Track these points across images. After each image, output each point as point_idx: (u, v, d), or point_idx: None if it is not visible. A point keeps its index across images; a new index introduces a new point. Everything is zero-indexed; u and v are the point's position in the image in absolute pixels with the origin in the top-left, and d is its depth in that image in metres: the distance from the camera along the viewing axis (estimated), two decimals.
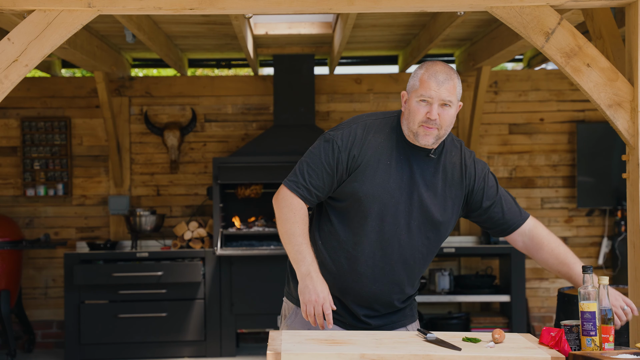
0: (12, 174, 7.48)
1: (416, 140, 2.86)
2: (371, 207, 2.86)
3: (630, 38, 3.61)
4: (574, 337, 2.68)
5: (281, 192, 2.91)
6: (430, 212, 2.91)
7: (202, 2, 3.59)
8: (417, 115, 2.82)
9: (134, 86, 7.58)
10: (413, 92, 2.85)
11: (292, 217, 2.86)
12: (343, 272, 2.92)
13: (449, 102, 2.82)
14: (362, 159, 2.86)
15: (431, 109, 2.81)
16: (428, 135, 2.83)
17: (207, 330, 6.85)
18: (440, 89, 2.80)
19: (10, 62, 3.57)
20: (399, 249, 2.90)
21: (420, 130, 2.83)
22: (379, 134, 2.90)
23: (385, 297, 2.95)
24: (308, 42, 7.34)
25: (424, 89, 2.81)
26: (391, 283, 2.94)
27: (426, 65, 2.87)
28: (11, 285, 6.85)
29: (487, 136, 7.64)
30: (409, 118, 2.85)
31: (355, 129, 2.90)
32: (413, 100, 2.84)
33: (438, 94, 2.80)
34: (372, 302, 2.95)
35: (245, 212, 7.30)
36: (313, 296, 2.75)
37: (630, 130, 3.62)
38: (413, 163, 2.89)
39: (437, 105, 2.81)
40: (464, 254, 7.21)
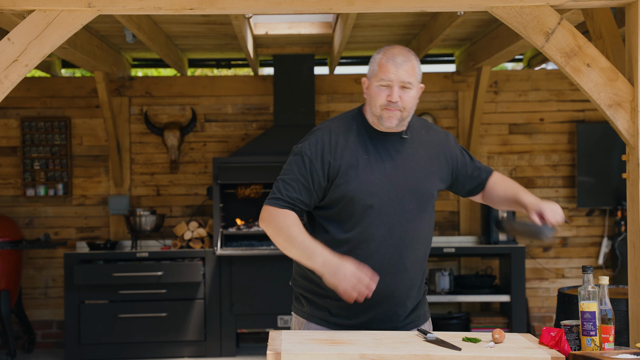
0: (12, 174, 7.48)
1: (380, 124, 2.89)
2: (365, 203, 2.86)
3: (630, 38, 3.61)
4: (574, 337, 2.68)
5: (264, 212, 2.92)
6: (421, 189, 2.93)
7: (202, 2, 3.59)
8: (379, 99, 2.86)
9: (134, 86, 7.58)
10: (373, 77, 2.89)
11: (283, 225, 2.85)
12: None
13: (408, 83, 2.85)
14: (339, 162, 2.87)
15: (392, 92, 2.84)
16: (391, 117, 2.87)
17: (207, 330, 6.85)
18: (399, 71, 2.84)
19: (10, 62, 3.57)
20: (404, 234, 2.90)
21: (383, 113, 2.87)
22: (347, 133, 2.92)
23: (401, 287, 2.92)
24: (308, 42, 7.35)
25: (383, 72, 2.85)
26: (404, 270, 2.91)
27: (384, 49, 2.91)
28: (11, 285, 6.85)
29: (487, 136, 7.64)
30: (371, 103, 2.89)
31: (321, 135, 2.92)
32: (373, 85, 2.88)
33: (397, 76, 2.84)
34: (389, 298, 2.91)
35: (245, 212, 7.30)
36: (348, 280, 2.69)
37: (630, 130, 3.62)
38: (390, 150, 2.93)
39: (397, 87, 2.85)
40: (464, 254, 7.21)
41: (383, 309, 2.92)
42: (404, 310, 2.96)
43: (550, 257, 7.66)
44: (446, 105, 7.65)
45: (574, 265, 7.66)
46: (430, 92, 7.62)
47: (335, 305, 2.92)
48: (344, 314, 2.92)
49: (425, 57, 7.89)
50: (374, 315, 2.93)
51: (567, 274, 7.65)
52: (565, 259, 7.67)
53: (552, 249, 7.66)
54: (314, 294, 2.97)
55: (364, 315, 2.93)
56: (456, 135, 7.63)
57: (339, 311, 2.92)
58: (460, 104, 7.62)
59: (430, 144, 3.01)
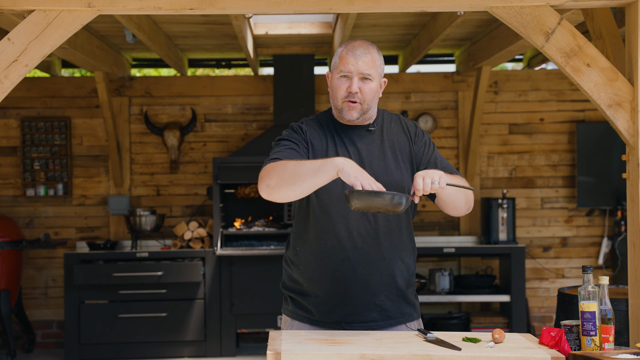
0: (12, 174, 7.49)
1: (341, 117, 2.94)
2: (332, 192, 2.90)
3: (630, 38, 3.61)
4: (574, 337, 2.68)
5: (262, 172, 2.84)
6: (390, 179, 2.94)
7: (202, 2, 3.59)
8: (339, 91, 2.91)
9: (134, 86, 7.58)
10: (334, 69, 2.94)
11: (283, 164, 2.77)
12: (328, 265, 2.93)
13: (368, 75, 2.89)
14: (311, 148, 2.95)
15: (351, 83, 2.89)
16: (352, 110, 2.91)
17: (207, 330, 6.85)
18: (358, 63, 2.88)
19: (10, 62, 3.57)
20: (375, 223, 2.92)
21: (344, 106, 2.92)
22: (319, 128, 3.00)
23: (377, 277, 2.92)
24: (308, 42, 7.35)
25: (342, 64, 2.89)
26: (379, 260, 2.92)
27: (346, 43, 2.96)
28: (11, 285, 6.85)
29: (487, 136, 7.64)
30: (333, 95, 2.95)
31: (297, 125, 3.02)
32: (334, 77, 2.93)
33: (356, 67, 2.88)
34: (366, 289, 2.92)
35: (245, 212, 7.30)
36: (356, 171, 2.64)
37: (630, 130, 3.62)
38: (357, 142, 2.97)
39: (357, 79, 2.89)
40: (464, 254, 7.21)
41: (360, 301, 2.93)
42: (382, 303, 2.94)
43: (550, 257, 7.66)
44: (446, 105, 7.65)
45: (574, 265, 7.66)
46: (430, 92, 7.62)
47: (314, 302, 2.96)
48: (322, 310, 2.95)
49: (425, 57, 7.89)
50: (351, 309, 2.93)
51: (567, 274, 7.65)
52: (565, 259, 7.67)
53: (552, 249, 7.66)
54: (296, 292, 3.03)
55: (342, 309, 2.94)
56: (456, 135, 7.63)
57: (318, 307, 2.96)
58: (460, 104, 7.62)
59: (399, 136, 3.03)
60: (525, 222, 7.64)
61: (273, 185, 2.76)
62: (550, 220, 7.65)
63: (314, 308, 2.97)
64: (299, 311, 3.02)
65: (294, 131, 3.01)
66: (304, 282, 2.99)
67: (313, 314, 2.98)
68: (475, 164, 7.55)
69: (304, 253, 3.00)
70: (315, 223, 2.95)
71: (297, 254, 3.02)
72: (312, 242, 2.96)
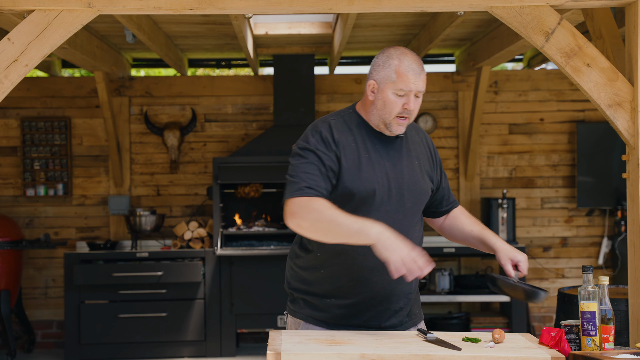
0: (12, 174, 7.49)
1: (387, 130, 2.90)
2: (367, 201, 2.86)
3: (630, 38, 3.61)
4: (574, 337, 2.68)
5: (292, 206, 2.75)
6: (418, 187, 2.96)
7: (202, 2, 3.59)
8: (395, 108, 2.85)
9: (134, 86, 7.58)
10: (389, 83, 2.85)
11: (324, 209, 2.69)
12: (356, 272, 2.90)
13: (422, 92, 2.88)
14: (343, 158, 2.86)
15: (409, 101, 2.85)
16: (401, 126, 2.90)
17: (207, 330, 6.85)
18: (418, 82, 2.84)
19: (10, 62, 3.57)
20: (403, 232, 2.87)
21: (394, 122, 2.88)
22: (347, 132, 2.91)
23: (402, 284, 2.92)
24: (308, 42, 7.35)
25: (403, 82, 2.82)
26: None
27: (396, 54, 2.86)
28: (11, 285, 6.85)
29: (487, 136, 7.64)
30: (384, 110, 2.87)
31: (323, 130, 2.89)
32: (388, 92, 2.85)
33: (416, 86, 2.84)
34: (390, 296, 2.92)
35: (245, 212, 7.30)
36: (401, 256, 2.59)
37: (630, 130, 3.61)
38: (388, 148, 2.94)
39: (413, 96, 2.86)
40: (464, 254, 7.21)
41: (383, 307, 2.93)
42: (402, 307, 2.97)
43: (550, 257, 7.66)
44: (446, 105, 7.65)
45: (574, 265, 7.66)
46: (430, 92, 7.62)
47: (335, 305, 2.92)
48: (344, 314, 2.92)
49: (425, 57, 7.88)
50: (373, 314, 2.93)
51: (567, 274, 7.65)
52: (565, 259, 7.67)
53: (552, 249, 7.66)
54: (311, 295, 2.97)
55: (364, 315, 2.93)
56: (456, 136, 7.63)
57: (339, 311, 2.92)
58: (460, 104, 7.62)
59: (420, 145, 3.06)
60: (525, 222, 7.64)
61: (304, 227, 2.73)
62: (550, 220, 7.65)
63: (336, 311, 2.92)
64: (316, 313, 2.95)
65: (323, 141, 2.85)
66: (324, 286, 2.92)
67: (330, 316, 2.93)
68: (475, 164, 7.55)
69: (327, 257, 2.91)
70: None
71: (318, 259, 2.92)
72: (340, 249, 2.84)
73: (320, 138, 2.86)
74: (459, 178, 7.61)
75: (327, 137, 2.86)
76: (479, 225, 3.11)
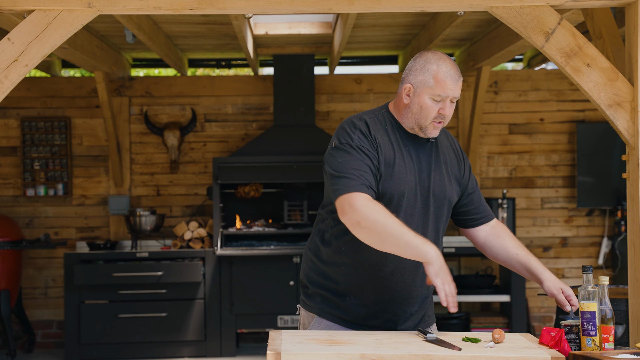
0: (12, 174, 7.48)
1: (422, 133, 2.89)
2: (396, 202, 2.85)
3: (630, 38, 3.61)
4: (574, 337, 2.68)
5: (349, 201, 2.69)
6: (443, 193, 2.95)
7: (202, 2, 3.59)
8: (432, 113, 2.85)
9: (134, 86, 7.58)
10: (427, 88, 2.84)
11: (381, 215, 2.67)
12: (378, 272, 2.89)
13: (458, 98, 2.89)
14: (381, 156, 2.84)
15: (445, 106, 2.85)
16: (436, 130, 2.89)
17: (207, 330, 6.85)
18: (455, 88, 2.85)
19: (10, 62, 3.57)
20: (426, 236, 2.87)
21: (430, 126, 2.87)
22: (382, 131, 2.90)
23: (420, 287, 2.93)
24: (308, 42, 7.34)
25: (441, 88, 2.82)
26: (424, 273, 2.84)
27: (435, 59, 2.86)
28: (11, 285, 6.85)
29: (487, 136, 7.64)
30: (420, 114, 2.86)
31: (361, 127, 2.85)
32: (425, 97, 2.84)
33: (454, 92, 2.85)
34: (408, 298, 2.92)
35: (245, 212, 7.30)
36: (447, 280, 2.64)
37: (630, 130, 3.61)
38: (419, 152, 2.93)
39: (449, 101, 2.86)
40: (464, 254, 7.21)
41: (400, 310, 2.94)
42: (417, 310, 2.98)
43: (550, 257, 7.66)
44: None
45: (574, 265, 7.66)
46: None
47: (354, 304, 2.92)
48: (362, 314, 2.92)
49: None
50: (390, 316, 2.94)
51: (567, 274, 7.65)
52: (565, 259, 7.67)
53: (552, 249, 7.66)
54: (330, 291, 2.95)
55: (381, 316, 2.93)
56: (456, 135, 7.63)
57: (357, 310, 2.92)
58: (460, 104, 7.62)
59: (450, 149, 3.04)
60: (525, 222, 7.64)
61: (364, 227, 2.69)
62: (550, 220, 7.65)
63: (354, 310, 2.92)
64: (333, 310, 2.94)
65: (365, 137, 2.83)
66: (345, 283, 2.91)
67: (350, 315, 2.93)
68: (475, 164, 7.55)
69: (352, 255, 2.89)
70: None
71: (342, 254, 2.90)
72: (365, 248, 2.80)
73: (362, 134, 2.84)
74: None
75: (367, 133, 2.85)
76: (523, 250, 3.05)
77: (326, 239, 2.96)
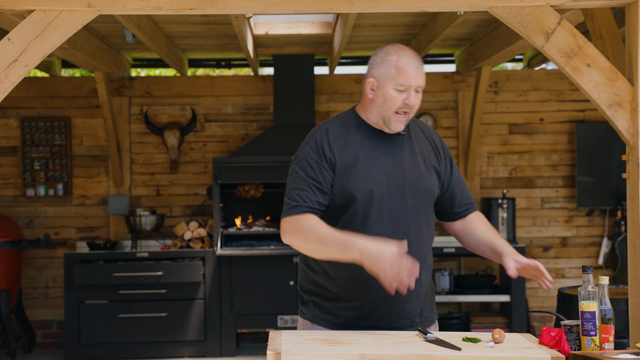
0: (12, 174, 7.48)
1: (386, 127, 2.90)
2: (366, 201, 2.86)
3: (630, 38, 3.61)
4: (574, 337, 2.68)
5: (285, 225, 2.84)
6: (421, 184, 2.94)
7: (202, 2, 3.59)
8: (395, 103, 2.86)
9: (134, 86, 7.58)
10: (389, 79, 2.86)
11: (308, 228, 2.78)
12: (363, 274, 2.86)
13: (422, 87, 2.88)
14: (339, 161, 2.87)
15: (409, 96, 2.86)
16: (399, 122, 2.89)
17: (207, 330, 6.85)
18: (417, 76, 2.86)
19: (10, 62, 3.57)
20: (408, 230, 2.89)
21: (393, 118, 2.88)
22: (345, 134, 2.92)
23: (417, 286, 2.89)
24: (308, 42, 7.35)
25: (403, 77, 2.84)
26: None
27: (394, 51, 2.89)
28: (11, 285, 6.85)
29: (487, 136, 7.64)
30: (384, 106, 2.88)
31: (319, 137, 2.91)
32: (389, 88, 2.86)
33: (416, 81, 2.86)
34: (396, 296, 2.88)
35: (245, 212, 7.30)
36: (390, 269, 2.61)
37: (630, 130, 3.61)
38: (389, 147, 2.93)
39: (413, 91, 2.86)
40: (464, 254, 7.21)
41: (391, 308, 2.91)
42: (411, 310, 2.95)
43: (550, 257, 7.66)
44: (446, 105, 7.65)
45: (574, 265, 7.66)
46: (430, 92, 7.62)
47: (345, 307, 2.92)
48: (352, 316, 2.92)
49: (425, 57, 7.88)
50: (381, 315, 2.92)
51: (567, 274, 7.65)
52: (565, 259, 7.67)
53: (552, 249, 7.66)
54: (321, 297, 2.97)
55: (372, 316, 2.92)
56: (456, 136, 7.63)
57: (347, 313, 2.92)
58: (460, 104, 7.62)
59: (426, 142, 3.03)
60: (525, 222, 7.64)
61: (296, 245, 2.84)
62: (550, 220, 7.65)
63: (344, 313, 2.92)
64: (324, 315, 2.95)
65: (317, 148, 2.87)
66: (333, 288, 2.92)
67: (340, 318, 2.93)
68: (475, 164, 7.55)
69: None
70: (352, 231, 2.83)
71: (327, 261, 2.90)
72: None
73: (315, 145, 2.89)
74: None
75: (321, 143, 2.89)
76: (493, 233, 3.03)
77: None
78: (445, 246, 7.06)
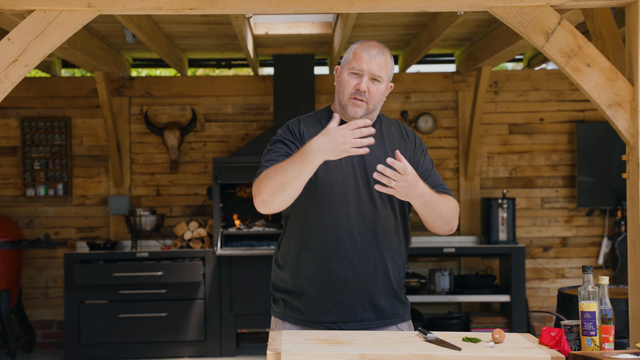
0: (12, 174, 7.49)
1: (345, 113, 2.93)
2: (332, 190, 2.90)
3: (630, 38, 3.61)
4: (574, 337, 2.68)
5: (252, 190, 2.87)
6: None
7: (202, 2, 3.59)
8: (348, 87, 2.91)
9: (134, 86, 7.58)
10: (345, 64, 2.95)
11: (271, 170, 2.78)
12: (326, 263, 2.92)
13: (379, 77, 2.91)
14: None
15: (361, 81, 2.89)
16: (357, 107, 2.91)
17: (207, 330, 6.85)
18: (371, 63, 2.90)
19: (10, 62, 3.57)
20: (375, 222, 2.92)
21: (349, 102, 2.92)
22: (315, 124, 2.99)
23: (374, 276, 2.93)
24: (308, 42, 7.35)
25: (356, 61, 2.90)
26: (378, 259, 2.92)
27: (361, 41, 2.98)
28: (11, 285, 6.85)
29: (487, 136, 7.64)
30: (340, 90, 2.95)
31: (292, 124, 3.00)
32: (344, 72, 2.94)
33: (369, 67, 2.89)
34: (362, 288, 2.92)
35: (245, 212, 7.30)
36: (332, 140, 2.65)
37: (630, 130, 3.62)
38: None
39: (367, 78, 2.90)
40: (464, 254, 7.21)
41: (357, 300, 2.93)
42: (377, 302, 2.95)
43: (550, 257, 7.66)
44: (446, 105, 7.65)
45: (574, 265, 7.66)
46: (430, 92, 7.62)
47: (308, 302, 2.95)
48: (317, 309, 2.94)
49: (425, 57, 7.89)
50: (347, 308, 2.93)
51: (567, 274, 7.65)
52: (565, 259, 7.67)
53: (552, 249, 7.66)
54: (288, 293, 3.01)
55: (338, 309, 2.93)
56: (456, 136, 7.63)
57: (312, 307, 2.95)
58: (460, 104, 7.62)
59: (400, 138, 3.05)
60: (525, 222, 7.64)
61: (267, 199, 2.78)
62: (550, 220, 7.65)
63: (307, 308, 2.95)
64: (292, 313, 2.99)
65: (289, 131, 2.98)
66: (299, 282, 2.97)
67: (305, 314, 2.96)
68: (475, 164, 7.55)
69: (300, 252, 2.96)
70: (315, 221, 2.93)
71: (292, 253, 2.98)
72: (311, 241, 2.93)
73: (288, 129, 2.99)
74: (459, 178, 7.61)
75: (293, 128, 2.98)
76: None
77: (280, 245, 3.08)
78: (445, 246, 7.06)
